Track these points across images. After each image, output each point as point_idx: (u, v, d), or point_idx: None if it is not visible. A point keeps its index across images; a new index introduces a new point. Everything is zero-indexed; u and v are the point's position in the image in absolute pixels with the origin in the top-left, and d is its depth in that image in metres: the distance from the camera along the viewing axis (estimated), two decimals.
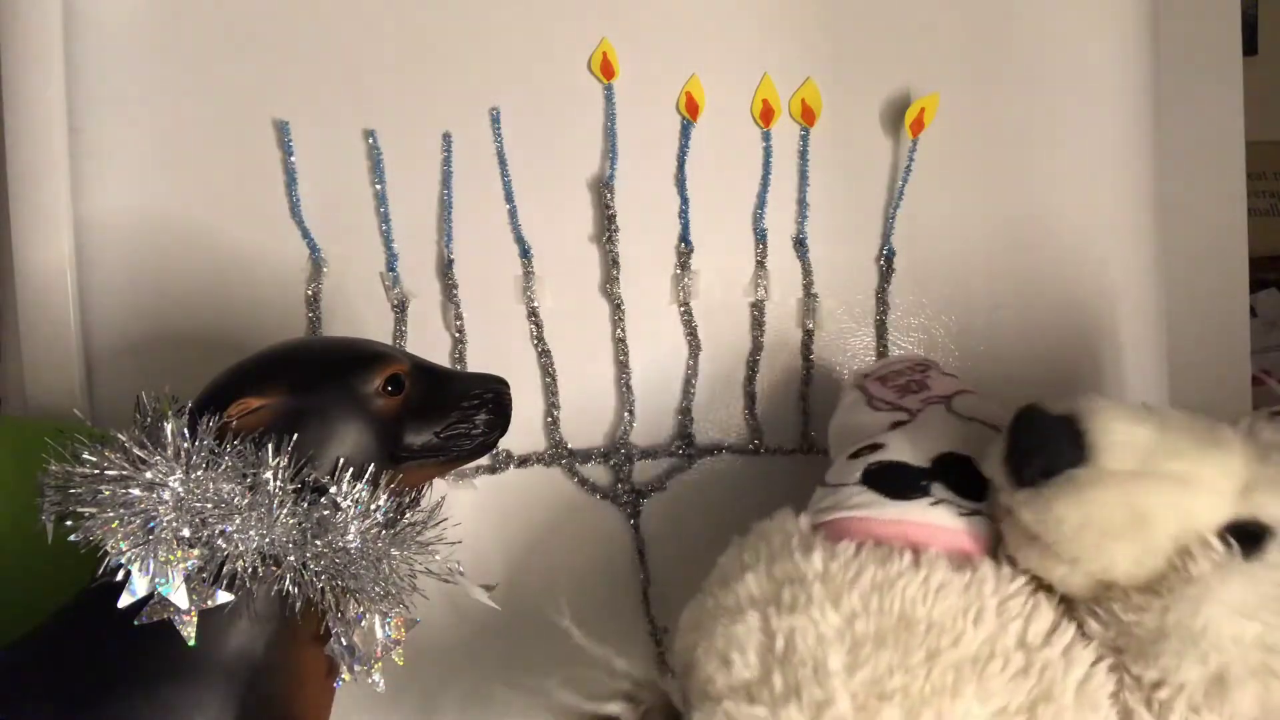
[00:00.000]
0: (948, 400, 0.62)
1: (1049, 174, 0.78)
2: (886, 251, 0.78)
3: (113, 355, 0.75)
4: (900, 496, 0.55)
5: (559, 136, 0.76)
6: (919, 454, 0.57)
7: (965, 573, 0.52)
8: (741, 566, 0.56)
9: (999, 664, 0.49)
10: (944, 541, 0.54)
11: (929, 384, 0.64)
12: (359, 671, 0.54)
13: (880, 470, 0.57)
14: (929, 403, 0.61)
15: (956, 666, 0.49)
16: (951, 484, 0.55)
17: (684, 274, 0.76)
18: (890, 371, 0.66)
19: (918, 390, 0.63)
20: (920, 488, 0.55)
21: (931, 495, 0.55)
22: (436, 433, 0.57)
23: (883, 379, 0.65)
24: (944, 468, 0.56)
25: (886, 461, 0.57)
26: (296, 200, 0.75)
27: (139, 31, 0.74)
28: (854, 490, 0.56)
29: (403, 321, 0.75)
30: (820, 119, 0.77)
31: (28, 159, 0.72)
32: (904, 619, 0.50)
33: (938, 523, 0.54)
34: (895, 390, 0.64)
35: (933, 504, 0.55)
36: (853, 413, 0.65)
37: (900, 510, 0.55)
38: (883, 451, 0.58)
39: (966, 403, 0.61)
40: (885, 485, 0.56)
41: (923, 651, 0.49)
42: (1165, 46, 0.78)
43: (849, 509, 0.56)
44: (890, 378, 0.65)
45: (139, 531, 0.49)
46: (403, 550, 0.54)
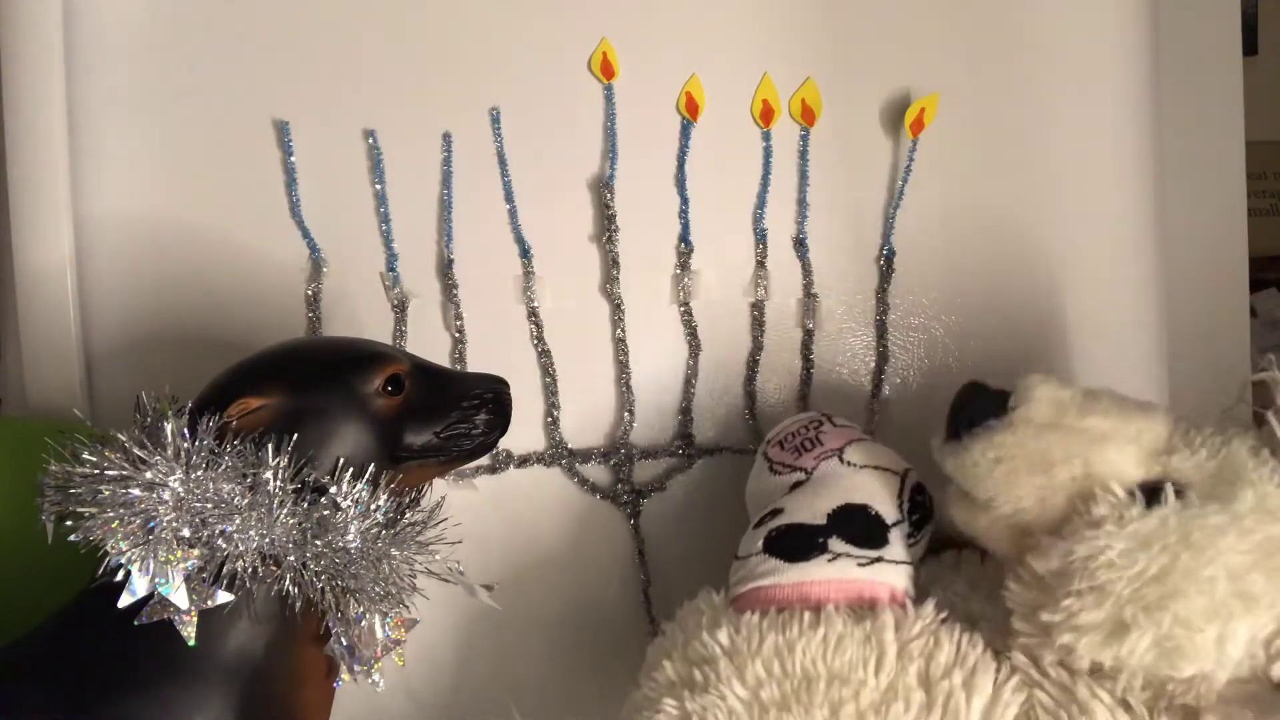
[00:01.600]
0: (840, 452, 0.63)
1: (1049, 174, 0.78)
2: (886, 251, 0.78)
3: (113, 355, 0.75)
4: (799, 558, 0.57)
5: (559, 136, 0.76)
6: (814, 512, 0.59)
7: (865, 623, 0.54)
8: (662, 653, 0.58)
9: (901, 706, 0.51)
10: (846, 594, 0.56)
11: (822, 439, 0.64)
12: (359, 671, 0.54)
13: (779, 535, 0.58)
14: (823, 458, 0.63)
15: (859, 715, 0.51)
16: (849, 536, 0.57)
17: (684, 274, 0.76)
18: (787, 434, 0.66)
19: (812, 448, 0.64)
20: (817, 546, 0.57)
21: (829, 551, 0.56)
22: (436, 433, 0.57)
23: (780, 442, 0.66)
24: (840, 521, 0.58)
25: (784, 525, 0.59)
26: (296, 200, 0.75)
27: (139, 31, 0.74)
28: (758, 560, 0.58)
29: (403, 321, 0.75)
30: (820, 119, 0.77)
31: (28, 159, 0.72)
32: (805, 678, 0.52)
33: (837, 577, 0.56)
34: (791, 451, 0.65)
35: (830, 560, 0.56)
36: (758, 480, 0.66)
37: (800, 572, 0.56)
38: (781, 516, 0.59)
39: (858, 452, 0.63)
40: (784, 549, 0.57)
41: (825, 708, 0.51)
42: (1165, 46, 0.78)
43: (755, 580, 0.57)
44: (787, 440, 0.66)
45: (139, 531, 0.49)
46: (403, 550, 0.54)
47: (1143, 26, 0.78)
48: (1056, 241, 0.78)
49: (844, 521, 0.58)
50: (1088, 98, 0.78)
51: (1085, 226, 0.78)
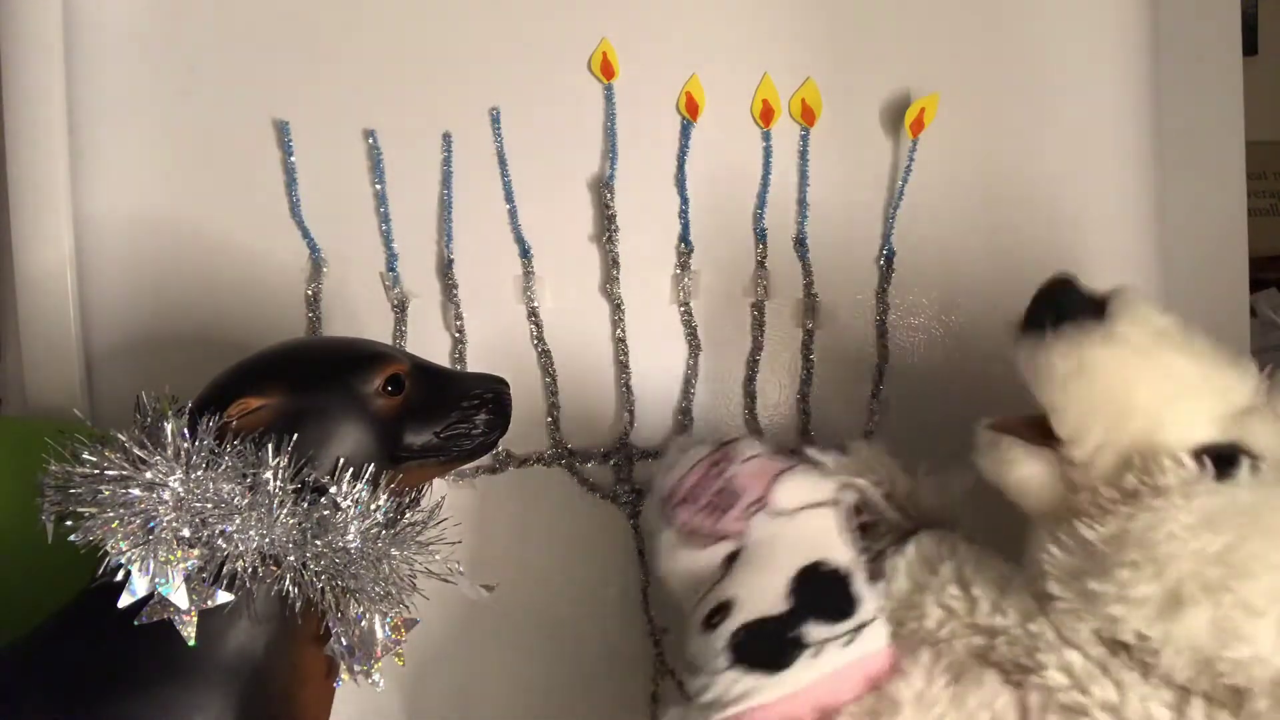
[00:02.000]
0: (764, 504, 0.53)
1: (1049, 174, 0.78)
2: (886, 251, 0.78)
3: (113, 355, 0.75)
4: (781, 664, 0.49)
5: (559, 136, 0.76)
6: (773, 595, 0.50)
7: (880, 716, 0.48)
8: None
9: None
10: (847, 689, 0.49)
11: (738, 488, 0.54)
12: (359, 671, 0.54)
13: (745, 639, 0.50)
14: (750, 513, 0.53)
15: None
16: (820, 613, 0.50)
17: (684, 274, 0.76)
18: (692, 486, 0.55)
19: (730, 503, 0.54)
20: (794, 642, 0.49)
21: (809, 645, 0.49)
22: (436, 433, 0.57)
23: (688, 500, 0.55)
24: (805, 598, 0.50)
25: (746, 624, 0.50)
26: (296, 200, 0.75)
27: (139, 31, 0.74)
28: (730, 678, 0.49)
29: (403, 321, 0.75)
30: (820, 119, 0.77)
31: (28, 159, 0.72)
32: None
33: (830, 671, 0.49)
34: (707, 512, 0.54)
35: (815, 655, 0.49)
36: (676, 557, 0.55)
37: (788, 683, 0.48)
38: (736, 611, 0.50)
39: (786, 494, 0.54)
40: (759, 658, 0.49)
41: None
42: (1165, 46, 0.78)
43: (733, 704, 0.49)
44: (694, 496, 0.55)
45: (139, 531, 0.49)
46: (403, 550, 0.54)
47: (1143, 26, 0.78)
48: (1057, 241, 0.78)
49: (809, 597, 0.50)
50: (1088, 98, 0.78)
51: (1085, 226, 0.78)
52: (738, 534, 0.53)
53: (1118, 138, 0.79)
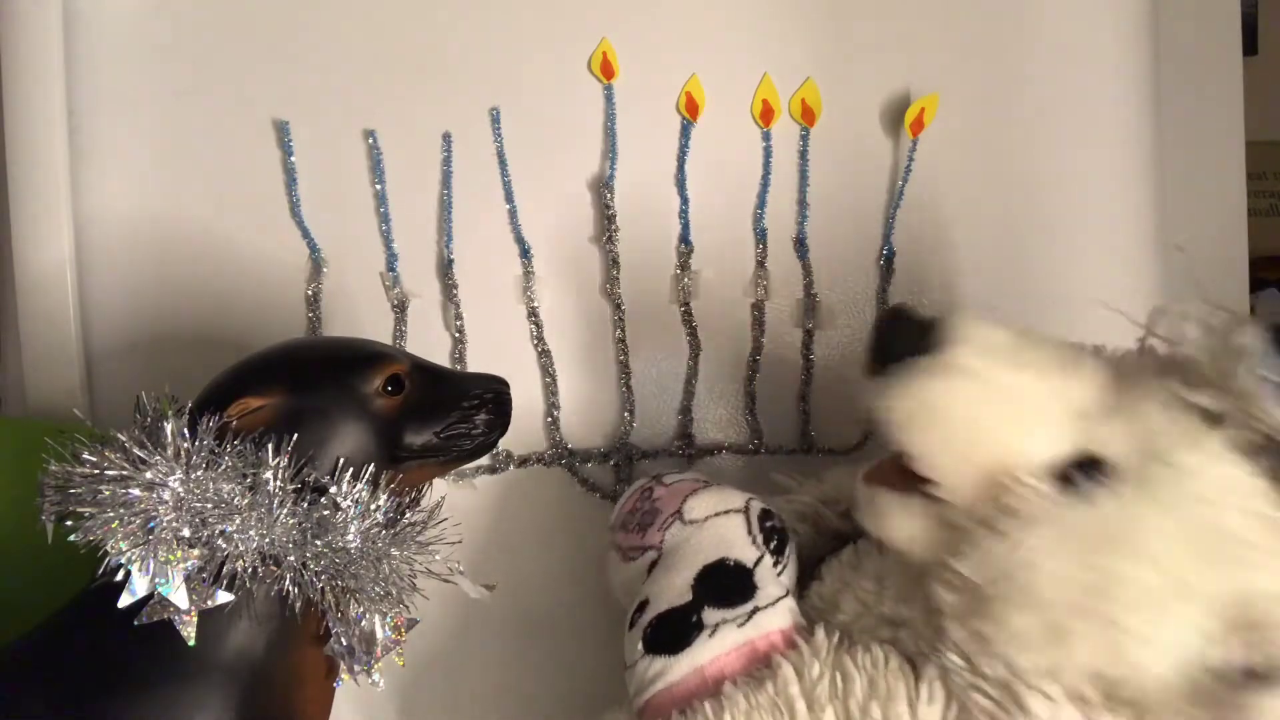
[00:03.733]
0: (678, 515, 0.59)
1: (1049, 174, 0.78)
2: (886, 251, 0.78)
3: (113, 355, 0.75)
4: (682, 646, 0.53)
5: (559, 136, 0.76)
6: (678, 589, 0.55)
7: (766, 686, 0.50)
8: None
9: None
10: (740, 663, 0.52)
11: (658, 506, 0.61)
12: (359, 671, 0.54)
13: (655, 629, 0.55)
14: (666, 527, 0.59)
15: None
16: (717, 600, 0.54)
17: (684, 274, 0.76)
18: (626, 512, 0.63)
19: (652, 520, 0.60)
20: (693, 625, 0.53)
21: (706, 626, 0.53)
22: (436, 433, 0.57)
23: (623, 525, 0.62)
24: (705, 588, 0.55)
25: (656, 617, 0.55)
26: (296, 200, 0.75)
27: (139, 31, 0.74)
28: (645, 664, 0.54)
29: (403, 321, 0.75)
30: (820, 119, 0.77)
31: (28, 159, 0.72)
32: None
33: (724, 649, 0.53)
34: (636, 531, 0.61)
35: (711, 634, 0.53)
36: (616, 574, 0.62)
37: (688, 660, 0.53)
38: (649, 607, 0.56)
39: (696, 506, 0.59)
40: (665, 643, 0.54)
41: None
42: (1165, 46, 0.78)
43: (650, 687, 0.53)
44: (628, 521, 0.62)
45: (139, 531, 0.49)
46: (403, 550, 0.54)
47: (1143, 26, 0.78)
48: (1057, 241, 0.78)
49: (709, 587, 0.55)
50: (1088, 98, 0.78)
51: (1085, 226, 0.78)
52: (658, 545, 0.59)
53: (1118, 138, 0.79)
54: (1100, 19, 0.78)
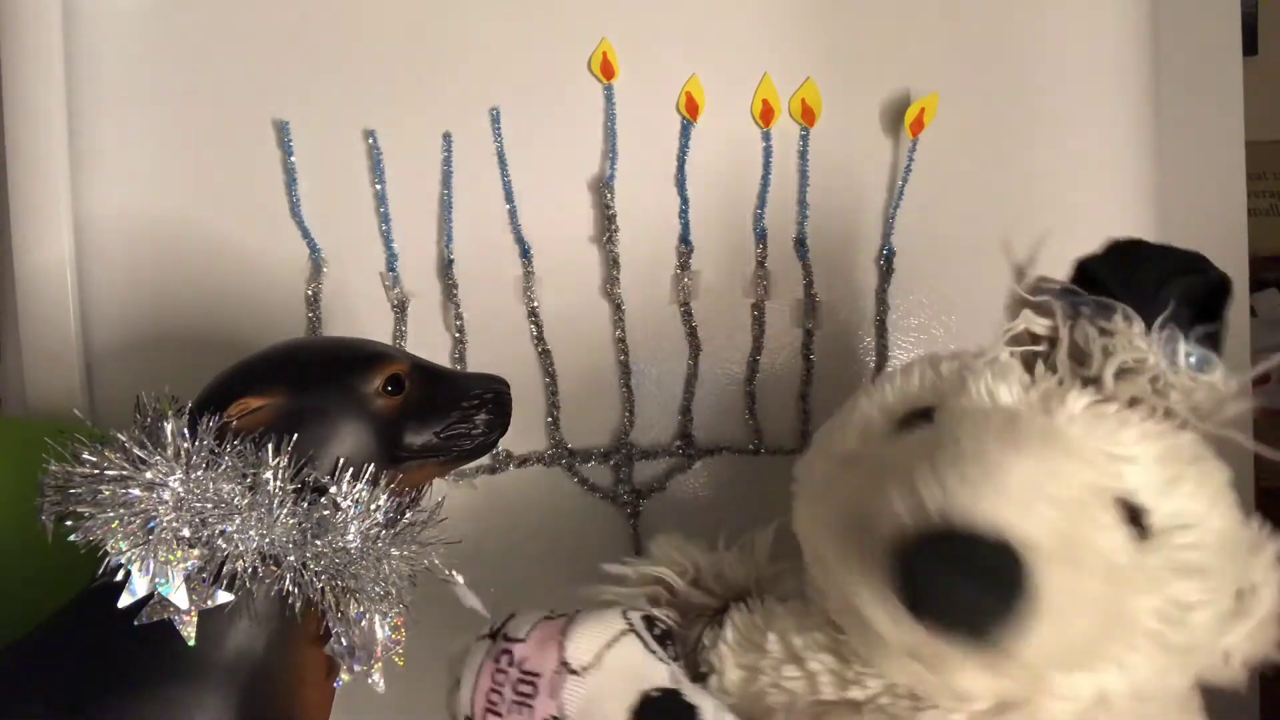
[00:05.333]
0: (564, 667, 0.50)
1: (1049, 174, 0.78)
2: (886, 251, 0.78)
3: (113, 355, 0.75)
4: None
5: (559, 136, 0.76)
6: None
7: None
8: None
9: None
10: None
11: (530, 668, 0.51)
12: (359, 671, 0.54)
13: None
14: (555, 688, 0.50)
15: None
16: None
17: (684, 274, 0.76)
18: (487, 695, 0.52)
19: (532, 689, 0.50)
20: None
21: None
22: (436, 433, 0.57)
23: (492, 710, 0.51)
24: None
25: None
26: (296, 200, 0.75)
27: (139, 31, 0.74)
28: None
29: (403, 321, 0.75)
30: (820, 119, 0.77)
31: (28, 159, 0.72)
32: None
33: None
34: (516, 710, 0.51)
35: None
36: None
37: None
38: None
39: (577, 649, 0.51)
40: None
41: None
42: (1165, 46, 0.78)
43: None
44: (495, 704, 0.51)
45: (139, 531, 0.49)
46: (403, 550, 0.54)
47: (1143, 26, 0.78)
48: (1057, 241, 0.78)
49: None
50: (1088, 98, 0.78)
51: (1085, 226, 0.78)
52: (557, 712, 0.50)
53: (1117, 137, 0.79)
54: (1100, 19, 0.78)
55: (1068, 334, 0.48)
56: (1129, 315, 0.47)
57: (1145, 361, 0.46)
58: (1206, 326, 0.47)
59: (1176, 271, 0.48)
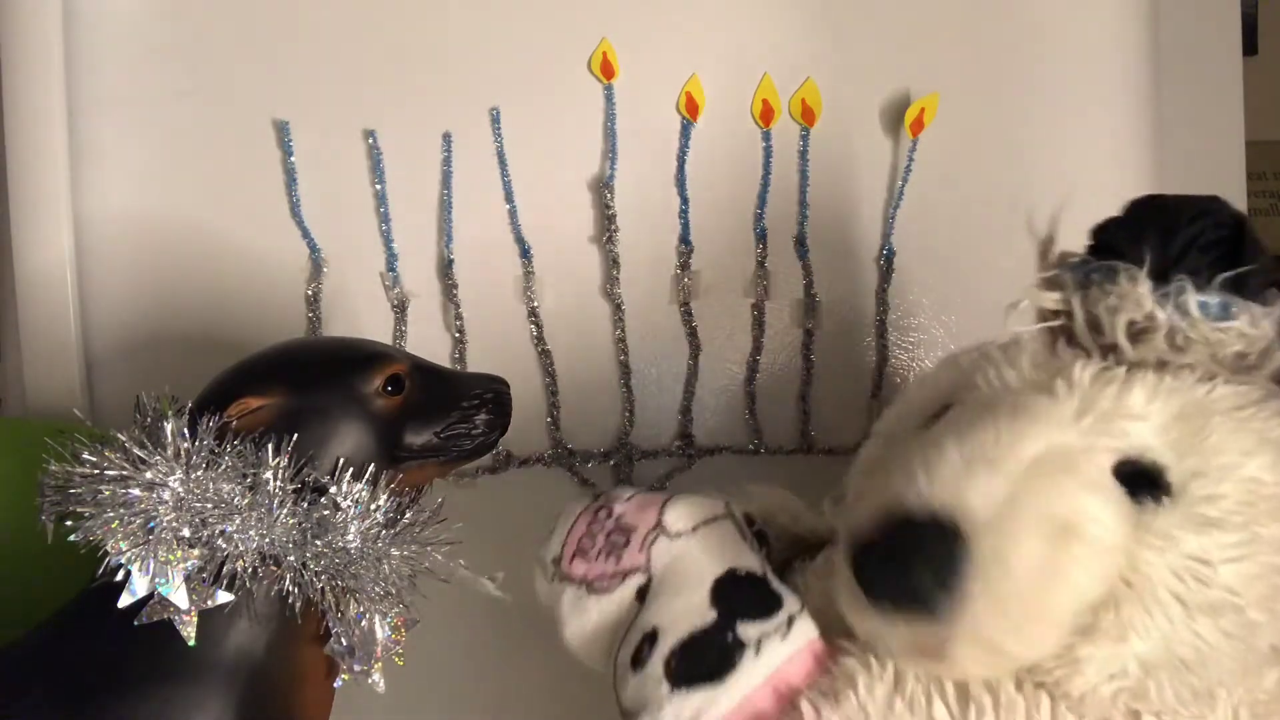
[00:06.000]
0: (660, 529, 0.51)
1: (1049, 174, 0.78)
2: (886, 251, 0.78)
3: (113, 355, 0.75)
4: (726, 671, 0.45)
5: (559, 136, 0.76)
6: (695, 610, 0.47)
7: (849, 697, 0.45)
8: None
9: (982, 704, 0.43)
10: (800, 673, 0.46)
11: (627, 522, 0.52)
12: (359, 671, 0.54)
13: (682, 659, 0.46)
14: (648, 543, 0.51)
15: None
16: (750, 612, 0.47)
17: (684, 274, 0.76)
18: (580, 538, 0.53)
19: (624, 540, 0.51)
20: (733, 644, 0.46)
21: (748, 644, 0.46)
22: (436, 433, 0.57)
23: (580, 553, 0.52)
24: (729, 603, 0.47)
25: (678, 644, 0.46)
26: (296, 200, 0.75)
27: (139, 31, 0.74)
28: (678, 702, 0.45)
29: (403, 321, 0.75)
30: (820, 119, 0.77)
31: (28, 159, 0.72)
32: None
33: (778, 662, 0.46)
34: (604, 556, 0.51)
35: (757, 652, 0.46)
36: (583, 612, 0.51)
37: (740, 684, 0.45)
38: (663, 637, 0.47)
39: (677, 516, 0.52)
40: (701, 671, 0.45)
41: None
42: (1165, 46, 0.78)
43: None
44: (585, 547, 0.52)
45: (139, 531, 0.49)
46: (403, 550, 0.54)
47: (1143, 26, 0.78)
48: (1056, 242, 0.78)
49: (733, 602, 0.47)
50: (1088, 98, 0.78)
51: (1085, 226, 0.78)
52: (642, 566, 0.50)
53: (1118, 138, 0.79)
54: (1100, 19, 0.78)
55: (1080, 304, 0.47)
56: (1133, 274, 0.45)
57: (1155, 318, 0.44)
58: (1229, 273, 0.44)
59: (1185, 221, 0.46)
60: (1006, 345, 0.49)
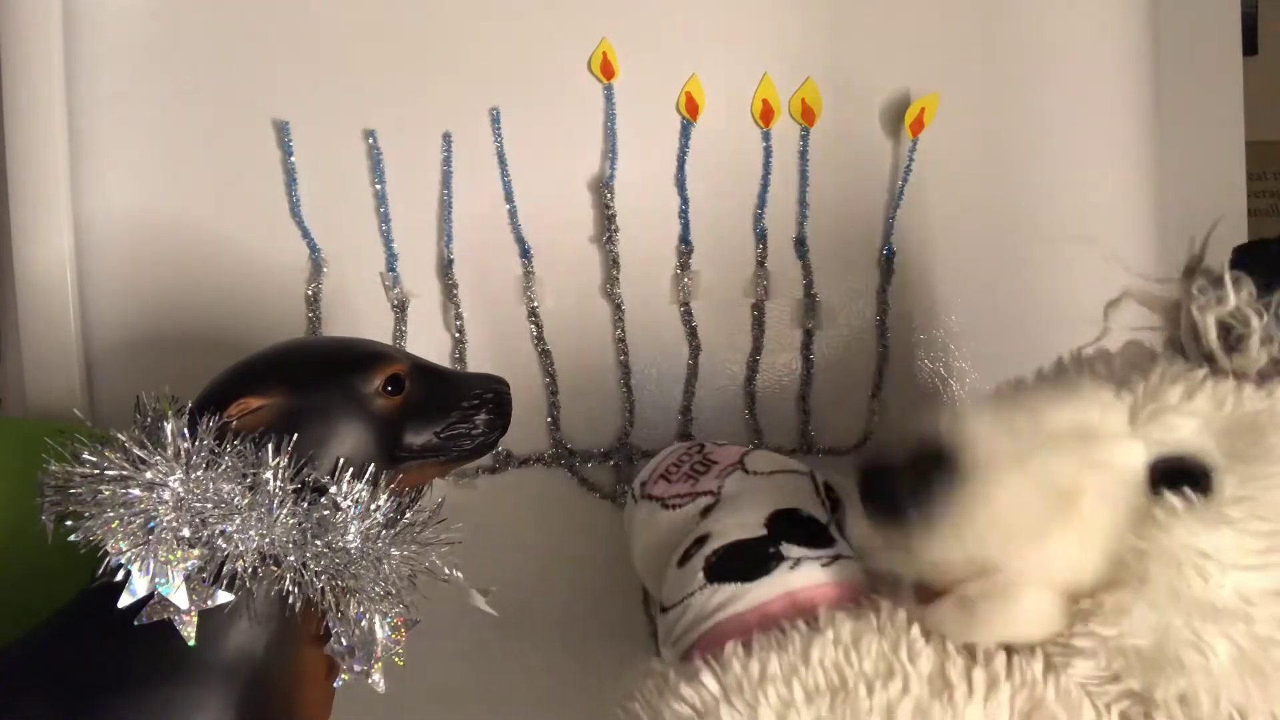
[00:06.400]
0: (741, 465, 0.56)
1: (1049, 174, 0.78)
2: (886, 251, 0.78)
3: (113, 355, 0.75)
4: (758, 574, 0.48)
5: (559, 136, 0.76)
6: (750, 525, 0.51)
7: (870, 615, 0.46)
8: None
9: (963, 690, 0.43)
10: (830, 597, 0.48)
11: (713, 458, 0.57)
12: (359, 671, 0.54)
13: (722, 559, 0.50)
14: (725, 475, 0.55)
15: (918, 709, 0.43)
16: (797, 539, 0.50)
17: (684, 274, 0.76)
18: (666, 467, 0.58)
19: (706, 469, 0.56)
20: (773, 555, 0.49)
21: (787, 558, 0.49)
22: (436, 433, 0.57)
23: (665, 477, 0.58)
24: (781, 527, 0.51)
25: (722, 546, 0.50)
26: (296, 200, 0.75)
27: (139, 31, 0.74)
28: (707, 593, 0.49)
29: (403, 321, 0.75)
30: (820, 119, 0.77)
31: (28, 159, 0.72)
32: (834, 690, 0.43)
33: (810, 582, 0.48)
34: (683, 480, 0.56)
35: (793, 567, 0.49)
36: (653, 527, 0.56)
37: (766, 587, 0.48)
38: (711, 541, 0.51)
39: (760, 460, 0.56)
40: (736, 571, 0.49)
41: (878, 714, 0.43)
42: (1165, 46, 0.78)
43: (711, 616, 0.48)
44: (670, 473, 0.58)
45: (139, 531, 0.49)
46: (403, 550, 0.54)
47: (1143, 26, 0.78)
48: (1056, 241, 0.78)
49: (785, 527, 0.51)
50: (1088, 98, 0.78)
51: (1085, 226, 0.78)
52: (715, 490, 0.55)
53: (1118, 137, 0.79)
54: (1100, 19, 0.78)
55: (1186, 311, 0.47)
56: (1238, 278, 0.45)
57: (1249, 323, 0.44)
58: None
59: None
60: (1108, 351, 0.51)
